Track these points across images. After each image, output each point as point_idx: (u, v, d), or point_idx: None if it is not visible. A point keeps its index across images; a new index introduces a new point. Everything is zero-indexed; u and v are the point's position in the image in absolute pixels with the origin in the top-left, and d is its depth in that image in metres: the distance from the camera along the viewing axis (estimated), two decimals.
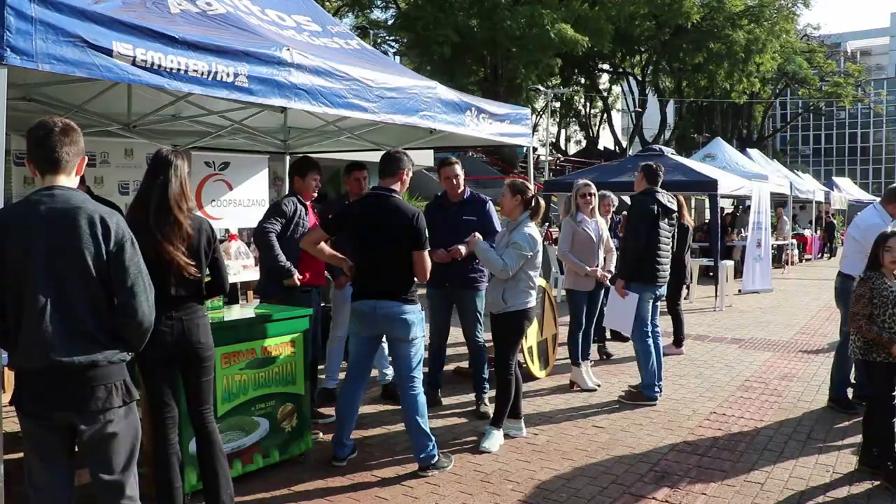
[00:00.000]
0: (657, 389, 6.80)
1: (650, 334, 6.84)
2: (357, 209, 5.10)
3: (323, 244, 5.17)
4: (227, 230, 8.12)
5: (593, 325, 7.52)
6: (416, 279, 5.02)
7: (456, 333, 6.86)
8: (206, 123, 7.31)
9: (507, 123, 7.24)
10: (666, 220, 6.89)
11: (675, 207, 6.96)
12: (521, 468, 5.15)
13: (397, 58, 36.24)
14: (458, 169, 6.45)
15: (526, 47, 29.67)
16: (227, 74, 4.19)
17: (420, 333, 5.00)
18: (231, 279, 4.74)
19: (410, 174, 5.14)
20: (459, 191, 6.45)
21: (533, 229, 5.52)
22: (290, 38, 5.36)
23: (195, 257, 3.82)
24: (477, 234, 5.60)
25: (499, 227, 6.16)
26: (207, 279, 4.02)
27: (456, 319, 6.60)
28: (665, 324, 8.03)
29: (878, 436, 4.98)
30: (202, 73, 4.06)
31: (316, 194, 6.08)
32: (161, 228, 3.70)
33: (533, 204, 5.55)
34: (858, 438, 5.59)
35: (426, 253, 4.98)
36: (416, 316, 4.95)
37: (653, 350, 6.79)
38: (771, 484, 4.92)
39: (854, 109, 77.73)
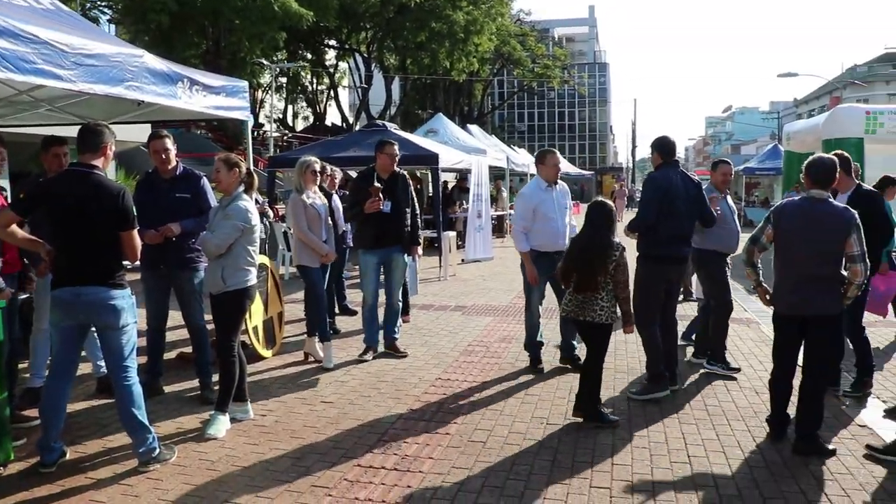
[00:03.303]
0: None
1: None
2: (52, 187, 4.63)
3: (15, 227, 4.64)
4: None
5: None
6: (125, 261, 4.67)
7: (177, 316, 6.51)
8: None
9: (224, 96, 6.96)
10: None
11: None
12: (249, 451, 5.01)
13: (112, 26, 33.60)
14: (169, 143, 6.06)
15: (249, 19, 28.82)
16: None
17: (131, 320, 4.66)
18: None
19: (113, 148, 4.75)
20: (170, 166, 6.08)
21: (248, 203, 5.36)
22: None
23: None
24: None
25: (214, 204, 5.91)
26: None
27: (175, 302, 6.26)
28: None
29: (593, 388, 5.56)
30: None
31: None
32: None
33: (247, 178, 5.38)
34: (568, 392, 6.10)
35: (135, 232, 4.64)
36: (126, 301, 4.61)
37: None
38: (492, 441, 5.19)
39: (562, 90, 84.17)
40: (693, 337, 7.75)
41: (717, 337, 7.00)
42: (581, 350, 6.53)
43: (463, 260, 15.52)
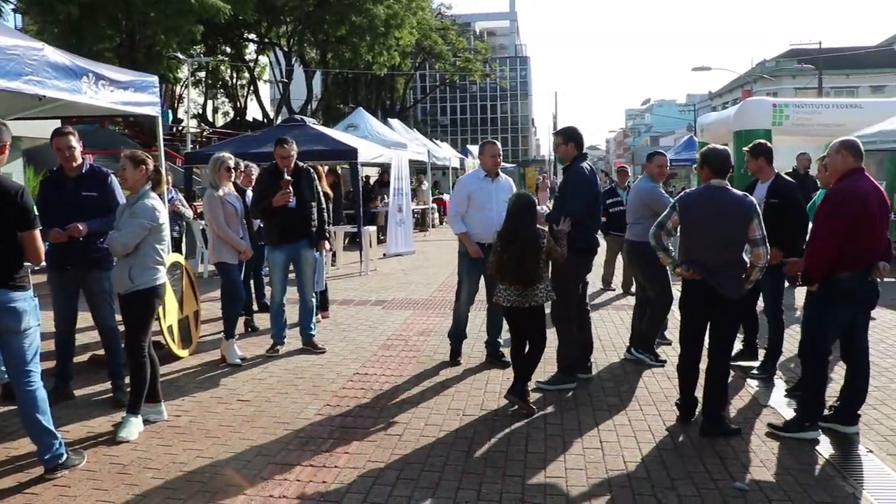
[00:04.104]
0: None
1: None
2: None
3: None
4: None
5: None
6: (27, 262, 4.53)
7: (88, 318, 6.33)
8: None
9: (132, 91, 6.80)
10: None
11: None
12: (163, 453, 4.92)
13: (17, 17, 32.29)
14: (73, 140, 5.86)
15: (164, 12, 28.03)
16: None
17: (34, 323, 4.52)
18: None
19: (9, 147, 4.59)
20: (76, 164, 5.90)
21: (156, 201, 5.26)
22: None
23: None
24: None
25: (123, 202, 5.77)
26: None
27: (85, 304, 6.09)
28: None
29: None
30: None
31: None
32: None
33: (154, 175, 5.28)
34: (485, 383, 6.17)
35: (37, 233, 4.49)
36: (28, 304, 4.46)
37: None
38: (408, 434, 5.23)
39: (484, 84, 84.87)
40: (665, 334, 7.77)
41: (650, 327, 7.11)
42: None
43: (385, 254, 15.51)
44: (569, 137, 6.49)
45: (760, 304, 6.79)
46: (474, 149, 38.39)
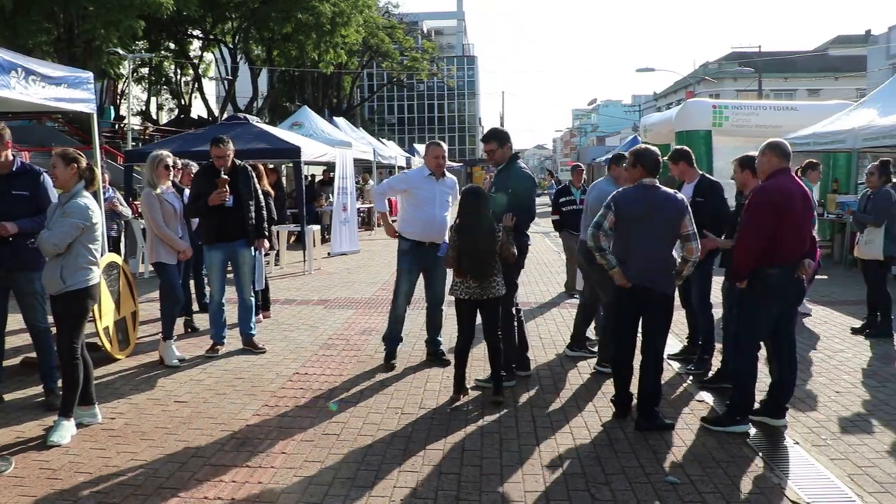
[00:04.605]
0: None
1: None
2: None
3: None
4: None
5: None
6: None
7: (19, 319, 6.19)
8: None
9: (65, 87, 6.67)
10: None
11: None
12: (96, 457, 4.83)
13: None
14: (6, 135, 5.71)
15: (104, 6, 27.42)
16: None
17: None
18: None
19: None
20: (5, 161, 5.75)
21: (89, 199, 5.16)
22: None
23: None
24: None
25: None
26: None
27: (15, 305, 5.94)
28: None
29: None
30: None
31: None
32: None
33: (87, 173, 5.18)
34: (425, 382, 6.19)
35: None
36: None
37: None
38: (346, 433, 5.22)
39: (431, 83, 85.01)
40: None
41: (603, 334, 7.05)
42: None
43: (329, 254, 15.43)
44: (505, 139, 6.58)
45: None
46: (421, 148, 38.39)
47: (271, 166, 14.39)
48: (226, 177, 7.14)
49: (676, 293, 5.89)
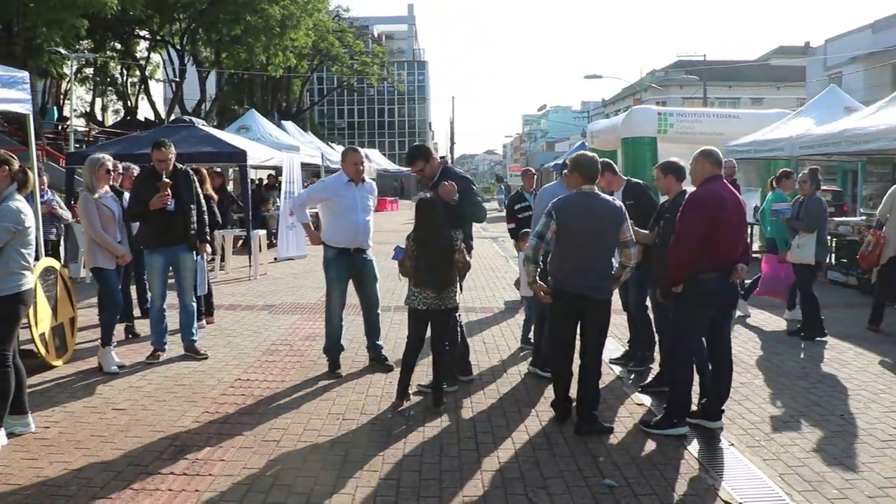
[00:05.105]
0: None
1: None
2: None
3: None
4: None
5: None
6: None
7: None
8: None
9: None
10: None
11: None
12: (26, 467, 4.73)
13: None
14: None
15: (45, 3, 26.82)
16: None
17: None
18: None
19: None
20: None
21: (21, 203, 5.05)
22: None
23: None
24: None
25: None
26: None
27: None
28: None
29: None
30: None
31: None
32: None
33: (20, 176, 5.08)
34: (367, 387, 6.20)
35: None
36: None
37: None
38: (286, 439, 5.20)
39: (381, 87, 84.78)
40: None
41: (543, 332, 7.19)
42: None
43: (276, 258, 15.31)
44: (428, 154, 6.73)
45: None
46: (371, 152, 38.37)
47: (217, 170, 14.24)
48: (167, 180, 7.05)
49: (615, 297, 5.99)
